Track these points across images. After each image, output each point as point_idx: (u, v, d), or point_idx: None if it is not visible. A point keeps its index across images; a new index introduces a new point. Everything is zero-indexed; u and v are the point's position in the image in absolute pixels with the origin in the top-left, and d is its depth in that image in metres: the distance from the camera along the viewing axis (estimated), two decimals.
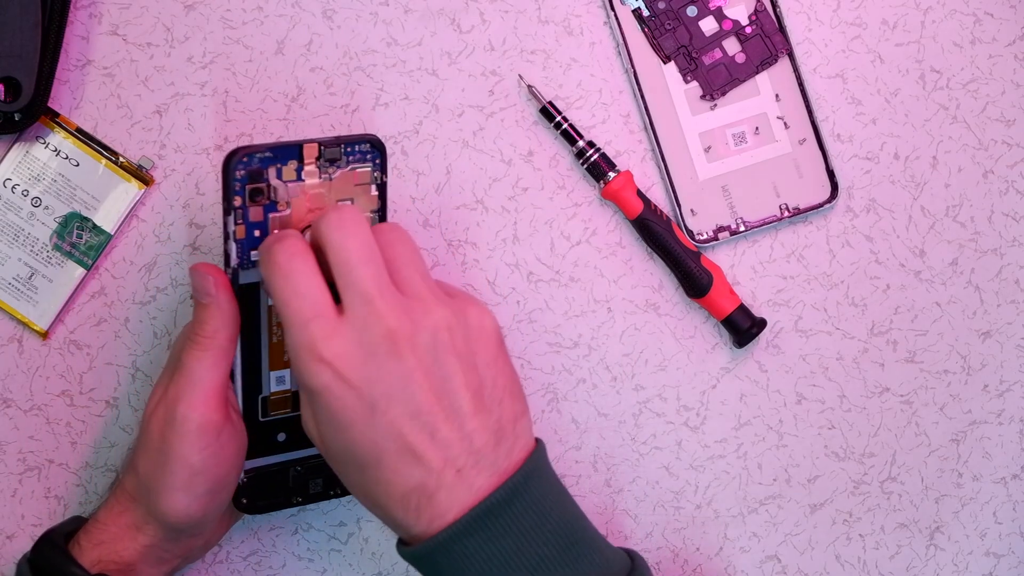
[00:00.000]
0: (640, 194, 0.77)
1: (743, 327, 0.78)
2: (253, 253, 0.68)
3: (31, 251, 0.76)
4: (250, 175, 0.67)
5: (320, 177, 0.68)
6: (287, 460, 0.72)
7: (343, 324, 0.62)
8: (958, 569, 0.81)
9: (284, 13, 0.78)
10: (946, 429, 0.80)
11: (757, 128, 0.78)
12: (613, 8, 0.78)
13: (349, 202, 0.69)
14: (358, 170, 0.69)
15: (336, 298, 0.64)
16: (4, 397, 0.77)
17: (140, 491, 0.69)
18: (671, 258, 0.77)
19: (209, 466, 0.67)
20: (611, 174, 0.77)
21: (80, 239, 0.76)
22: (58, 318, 0.77)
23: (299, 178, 0.68)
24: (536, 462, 0.65)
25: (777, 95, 0.79)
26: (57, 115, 0.76)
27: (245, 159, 0.67)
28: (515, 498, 0.63)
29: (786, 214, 0.78)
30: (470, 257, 0.78)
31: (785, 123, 0.79)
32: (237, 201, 0.67)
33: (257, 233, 0.68)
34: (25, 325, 0.77)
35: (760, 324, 0.78)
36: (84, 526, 0.71)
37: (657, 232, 0.77)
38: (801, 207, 0.79)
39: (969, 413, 0.80)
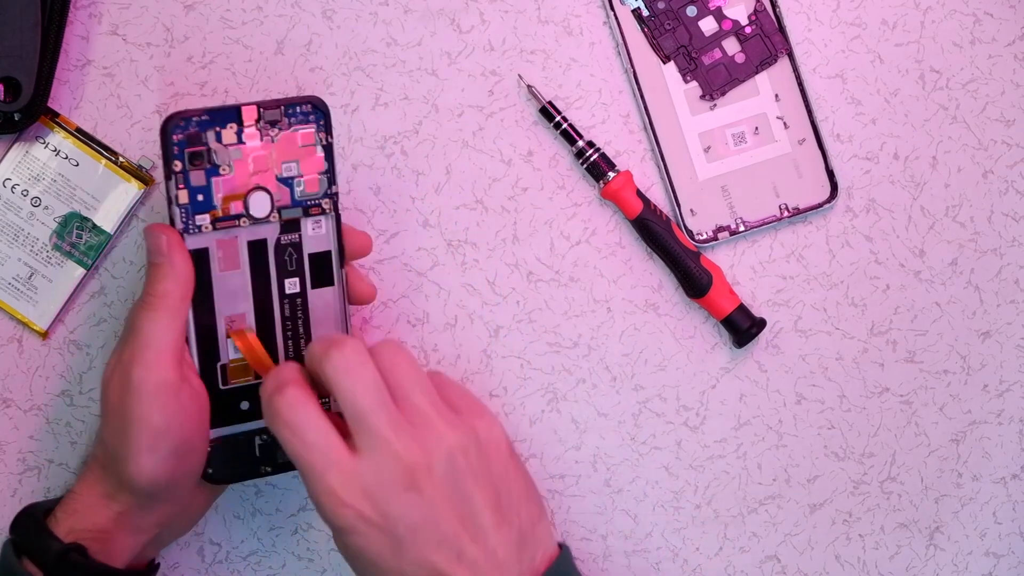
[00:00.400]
0: (640, 194, 0.77)
1: (743, 327, 0.78)
2: (199, 218, 0.68)
3: (31, 251, 0.76)
4: (188, 139, 0.67)
5: (262, 139, 0.68)
6: (252, 429, 0.71)
7: (359, 466, 0.63)
8: (958, 569, 0.80)
9: (284, 13, 0.78)
10: (946, 429, 0.80)
11: (757, 128, 0.78)
12: (613, 8, 0.78)
13: (295, 164, 0.69)
14: (301, 131, 0.69)
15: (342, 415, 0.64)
16: (4, 397, 0.77)
17: (108, 459, 0.69)
18: (671, 258, 0.77)
19: (171, 426, 0.66)
20: (611, 174, 0.77)
21: (80, 239, 0.76)
22: (58, 318, 0.77)
23: (240, 141, 0.68)
24: (561, 566, 0.66)
25: (777, 95, 0.79)
26: (57, 115, 0.76)
27: (182, 123, 0.67)
28: None
29: (786, 214, 0.78)
30: (470, 257, 0.78)
31: (785, 123, 0.79)
32: (177, 166, 0.67)
33: (200, 197, 0.68)
34: (25, 325, 0.77)
35: (760, 324, 0.78)
36: (61, 499, 0.70)
37: (657, 232, 0.77)
38: (801, 207, 0.79)
39: (969, 413, 0.80)
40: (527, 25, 0.79)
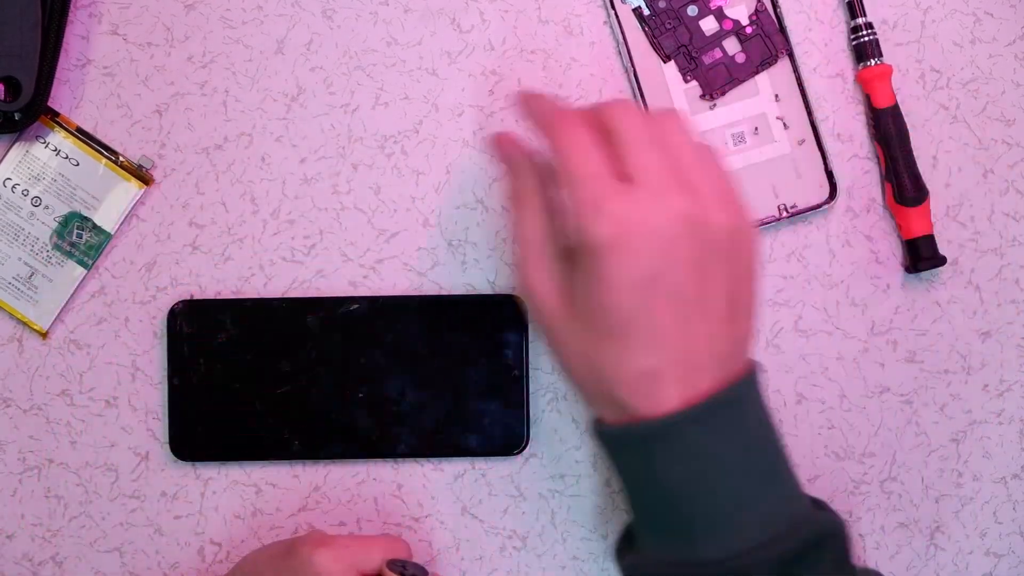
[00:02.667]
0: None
1: (924, 255, 0.78)
2: None
3: (31, 251, 0.76)
4: None
5: None
6: None
7: (633, 190, 0.62)
8: (958, 569, 0.80)
9: (284, 12, 0.78)
10: (946, 429, 0.80)
11: (756, 128, 0.78)
12: (613, 7, 0.78)
13: None
14: None
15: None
16: (4, 397, 0.77)
17: None
18: (905, 155, 0.77)
19: None
20: (872, 61, 0.78)
21: (80, 239, 0.76)
22: (58, 318, 0.77)
23: None
24: (757, 376, 0.65)
25: (777, 95, 0.78)
26: (57, 114, 0.76)
27: None
28: (739, 401, 0.63)
29: (784, 215, 0.78)
30: (470, 257, 0.78)
31: (784, 123, 0.78)
32: None
33: None
34: (25, 325, 0.77)
35: (941, 261, 0.78)
36: None
37: (903, 127, 0.77)
38: (799, 208, 0.78)
39: (969, 413, 0.80)
40: (527, 25, 0.79)
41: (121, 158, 0.76)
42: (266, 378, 0.76)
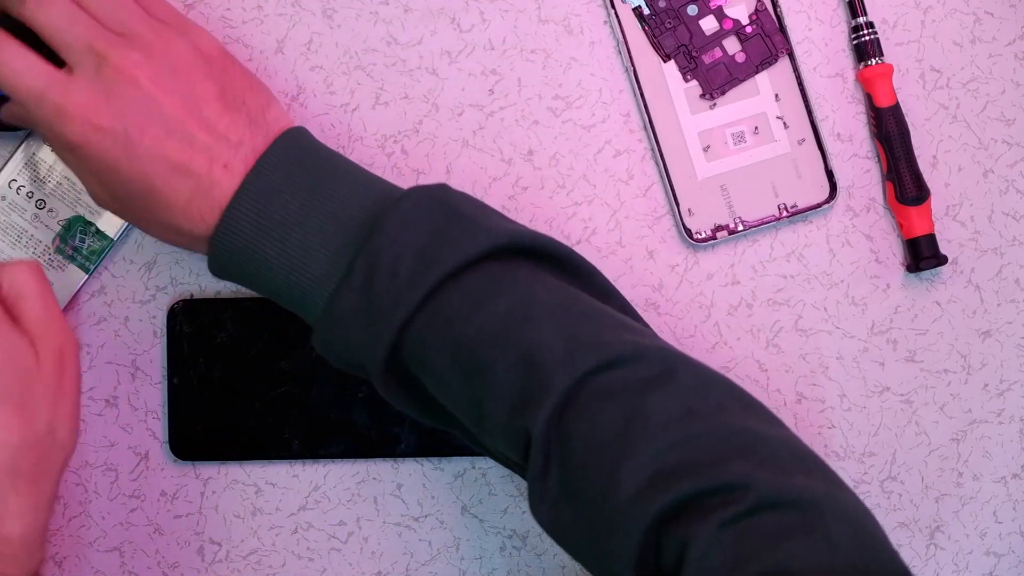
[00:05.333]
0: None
1: (924, 254, 0.78)
2: None
3: (33, 253, 0.76)
4: None
5: None
6: None
7: (75, 80, 0.65)
8: (958, 569, 0.80)
9: (284, 12, 0.78)
10: (946, 428, 0.80)
11: (756, 128, 0.78)
12: (613, 6, 0.78)
13: None
14: None
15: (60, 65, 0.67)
16: None
17: None
18: (907, 154, 0.78)
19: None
20: (873, 60, 0.78)
21: (83, 243, 0.77)
22: None
23: None
24: (297, 134, 0.68)
25: (777, 95, 0.79)
26: None
27: None
28: (272, 153, 0.67)
29: (784, 214, 0.78)
30: None
31: (784, 123, 0.78)
32: None
33: None
34: None
35: (942, 260, 0.78)
36: None
37: (905, 127, 0.77)
38: (799, 207, 0.79)
39: (969, 412, 0.80)
40: (527, 24, 0.79)
41: None
42: (266, 377, 0.76)
